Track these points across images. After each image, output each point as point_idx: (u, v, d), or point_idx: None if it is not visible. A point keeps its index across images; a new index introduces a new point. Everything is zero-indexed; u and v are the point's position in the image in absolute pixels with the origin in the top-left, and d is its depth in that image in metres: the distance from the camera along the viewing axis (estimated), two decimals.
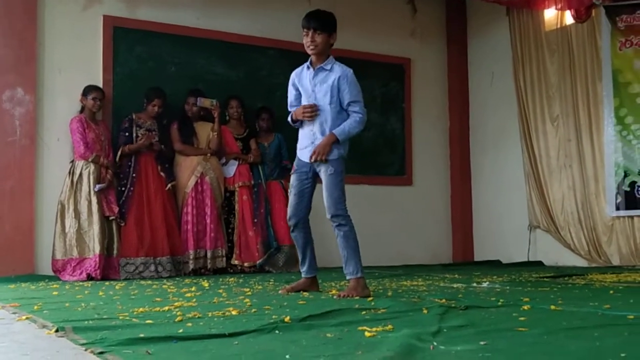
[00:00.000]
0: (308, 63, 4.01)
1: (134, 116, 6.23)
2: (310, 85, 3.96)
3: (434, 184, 8.23)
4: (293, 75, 4.12)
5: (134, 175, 6.10)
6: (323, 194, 3.85)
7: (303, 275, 4.13)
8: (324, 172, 3.87)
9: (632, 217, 6.64)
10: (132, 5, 6.60)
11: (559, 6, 7.12)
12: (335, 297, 3.69)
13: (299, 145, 4.05)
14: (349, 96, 3.87)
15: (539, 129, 7.46)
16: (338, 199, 3.80)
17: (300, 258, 4.17)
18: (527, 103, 7.58)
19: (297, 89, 4.08)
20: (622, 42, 6.71)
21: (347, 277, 3.83)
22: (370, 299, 3.52)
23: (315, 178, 3.98)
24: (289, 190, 4.19)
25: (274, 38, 7.25)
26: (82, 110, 6.06)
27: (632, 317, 2.60)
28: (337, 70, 3.91)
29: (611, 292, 3.79)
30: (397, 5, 8.12)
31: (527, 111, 7.58)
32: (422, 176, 8.12)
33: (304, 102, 3.98)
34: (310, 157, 3.86)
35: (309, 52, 3.94)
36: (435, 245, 8.13)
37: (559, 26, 7.32)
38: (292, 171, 4.07)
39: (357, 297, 3.61)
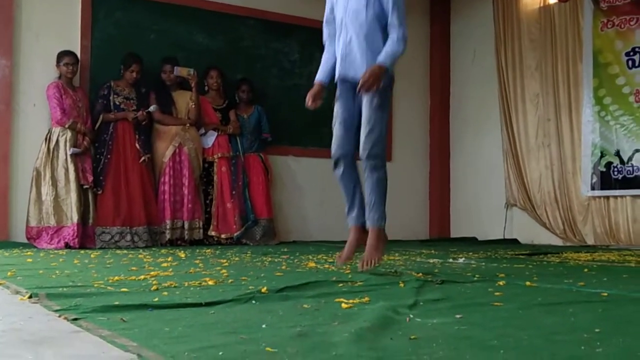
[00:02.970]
0: None
1: (112, 83, 6.14)
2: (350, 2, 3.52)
3: (412, 160, 8.24)
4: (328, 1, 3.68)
5: (110, 143, 6.03)
6: (361, 128, 3.42)
7: (353, 223, 3.57)
8: (366, 103, 3.41)
9: (607, 197, 6.70)
10: None
11: None
12: (358, 269, 3.39)
13: (327, 66, 3.64)
14: (391, 8, 3.43)
15: (519, 107, 7.48)
16: (379, 138, 3.38)
17: (347, 203, 3.60)
18: (507, 82, 7.58)
19: (333, 19, 3.66)
20: (603, 22, 6.72)
21: (368, 224, 3.48)
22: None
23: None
24: (332, 122, 3.60)
25: (256, 8, 7.16)
26: (59, 77, 5.96)
27: (605, 294, 2.63)
28: None
29: (585, 270, 3.83)
30: None
31: (507, 90, 7.59)
32: (401, 153, 8.12)
33: (337, 8, 3.58)
34: (358, 89, 3.37)
35: None
36: (413, 221, 8.16)
37: (541, 5, 7.31)
38: (313, 93, 3.60)
39: (378, 263, 3.39)
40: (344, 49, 3.54)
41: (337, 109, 3.56)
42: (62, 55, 5.96)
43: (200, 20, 6.88)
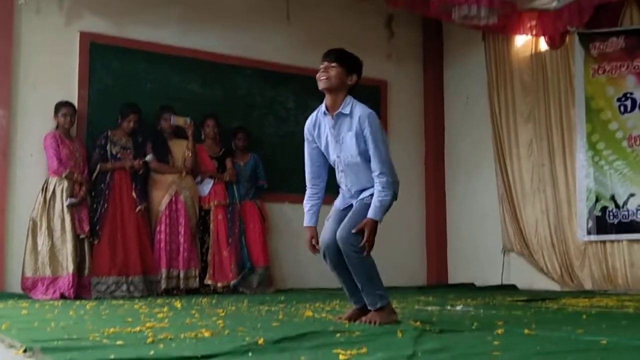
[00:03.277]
0: (323, 108, 3.52)
1: (109, 133, 6.18)
2: (333, 136, 3.49)
3: (409, 205, 8.24)
4: (307, 127, 3.59)
5: (107, 192, 6.04)
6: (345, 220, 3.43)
7: (355, 306, 3.57)
8: (359, 199, 3.49)
9: (603, 241, 6.70)
10: (110, 22, 6.58)
11: (534, 32, 7.22)
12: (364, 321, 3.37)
13: (312, 209, 3.61)
14: (371, 151, 3.41)
15: (513, 152, 7.53)
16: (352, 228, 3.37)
17: (345, 289, 3.60)
18: (501, 127, 7.65)
19: (315, 143, 3.59)
20: (594, 69, 6.82)
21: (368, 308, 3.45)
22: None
23: None
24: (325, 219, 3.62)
25: (251, 58, 7.26)
26: (57, 127, 6.00)
27: (604, 342, 2.61)
28: (357, 112, 3.42)
29: (584, 316, 3.81)
30: (375, 27, 8.18)
31: (501, 135, 7.65)
32: (398, 197, 8.11)
33: (332, 156, 3.54)
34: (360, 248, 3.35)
35: (320, 86, 3.45)
36: (410, 266, 8.13)
37: (533, 52, 7.42)
38: (310, 240, 3.58)
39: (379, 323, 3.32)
40: (343, 200, 3.61)
41: (331, 216, 3.61)
42: (59, 105, 6.00)
43: (196, 70, 6.96)
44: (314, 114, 3.60)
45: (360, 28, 8.03)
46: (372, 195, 3.46)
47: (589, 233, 6.78)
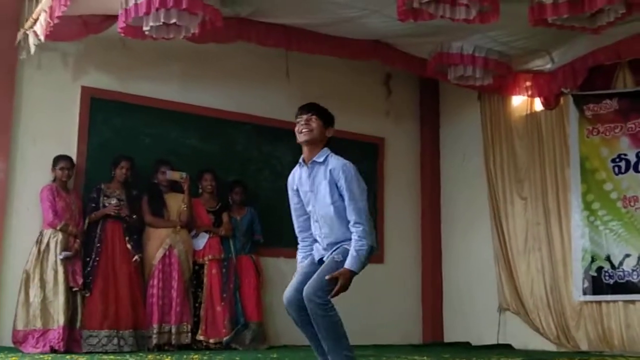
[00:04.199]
0: (300, 160, 3.61)
1: (102, 186, 6.20)
2: (307, 185, 3.55)
3: (405, 262, 8.23)
4: (289, 181, 3.70)
5: (98, 245, 6.03)
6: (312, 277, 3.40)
7: None
8: (329, 258, 3.47)
9: (599, 302, 6.67)
10: (112, 77, 6.67)
11: (529, 93, 7.32)
12: None
13: (303, 256, 3.69)
14: (346, 201, 3.43)
15: (509, 211, 7.56)
16: (321, 285, 3.33)
17: (312, 346, 3.56)
18: (496, 185, 7.70)
19: (297, 197, 3.66)
20: (589, 130, 6.89)
21: None
22: None
23: None
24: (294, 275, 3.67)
25: (250, 113, 7.34)
26: (54, 180, 6.04)
27: None
28: (332, 162, 3.49)
29: None
30: (372, 86, 8.30)
31: (496, 193, 7.69)
32: (394, 254, 8.13)
33: (306, 205, 3.59)
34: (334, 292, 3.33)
35: (302, 138, 3.52)
36: (406, 324, 8.07)
37: (528, 112, 7.51)
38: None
39: None
40: (318, 253, 3.60)
41: (301, 268, 3.63)
42: (58, 159, 6.06)
43: (195, 125, 7.04)
44: (295, 168, 3.67)
45: (359, 86, 8.15)
46: (341, 252, 3.43)
47: (584, 293, 6.76)
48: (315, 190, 3.52)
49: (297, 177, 3.63)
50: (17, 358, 4.78)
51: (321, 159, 3.50)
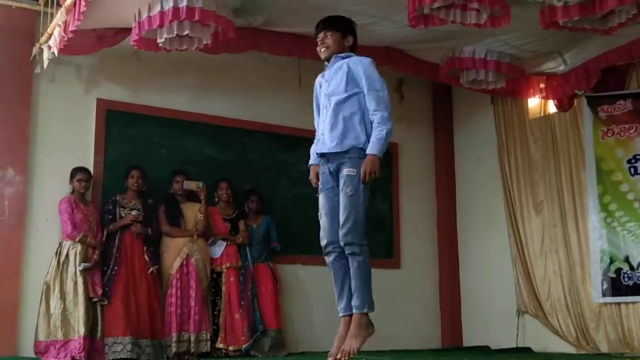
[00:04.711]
0: (326, 63, 3.79)
1: (117, 197, 6.27)
2: (328, 76, 3.71)
3: (421, 267, 8.23)
4: (315, 83, 3.88)
5: (117, 255, 6.09)
6: (340, 216, 3.52)
7: (342, 314, 3.62)
8: (342, 191, 3.55)
9: (618, 303, 6.63)
10: (126, 89, 6.74)
11: (543, 95, 7.31)
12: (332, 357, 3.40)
13: (315, 149, 3.76)
14: (365, 90, 3.59)
15: (524, 213, 7.53)
16: (354, 225, 3.48)
17: (336, 292, 3.67)
18: (512, 188, 7.68)
19: (318, 98, 3.84)
20: (604, 131, 6.87)
21: (353, 311, 3.50)
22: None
23: None
24: (318, 213, 3.74)
25: (264, 122, 7.39)
26: (72, 192, 6.11)
27: None
28: (353, 58, 3.66)
29: None
30: None
31: (512, 196, 7.67)
32: (410, 259, 8.13)
33: (321, 98, 3.72)
34: (363, 179, 3.50)
35: (322, 57, 3.70)
36: (424, 329, 8.06)
37: (542, 114, 7.50)
38: (317, 191, 3.74)
39: (353, 353, 3.37)
40: (324, 127, 3.70)
41: (321, 200, 3.71)
42: (75, 171, 6.13)
43: (209, 135, 7.09)
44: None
45: None
46: (352, 164, 3.55)
47: (604, 295, 6.71)
48: (331, 79, 3.66)
49: (320, 77, 3.83)
50: None
51: (343, 54, 3.68)
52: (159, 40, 5.27)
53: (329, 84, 3.67)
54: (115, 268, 6.04)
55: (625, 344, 6.50)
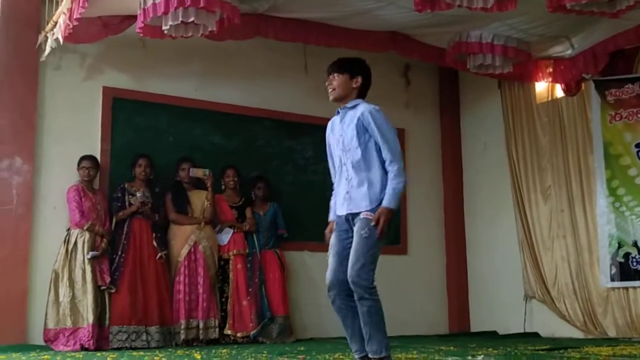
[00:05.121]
0: (337, 110, 3.76)
1: (126, 185, 6.28)
2: (338, 129, 3.69)
3: (429, 252, 8.22)
4: (327, 130, 3.82)
5: (125, 242, 6.10)
6: (351, 256, 3.46)
7: (358, 356, 3.54)
8: (357, 232, 3.50)
9: (627, 288, 6.62)
10: (131, 77, 6.74)
11: (550, 80, 7.27)
12: None
13: (336, 202, 3.72)
14: (379, 142, 3.55)
15: (532, 198, 7.52)
16: (362, 268, 3.40)
17: (348, 335, 3.58)
18: (519, 173, 7.66)
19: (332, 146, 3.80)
20: (611, 115, 6.83)
21: (370, 356, 3.45)
22: None
23: None
24: (328, 253, 3.70)
25: (270, 109, 7.37)
26: (80, 180, 6.12)
27: None
28: (361, 108, 3.61)
29: None
30: (391, 77, 8.27)
31: (519, 181, 7.65)
32: (417, 245, 8.13)
33: (334, 149, 3.72)
34: (375, 228, 3.47)
35: (330, 98, 3.70)
36: (431, 315, 8.07)
37: (549, 99, 7.46)
38: (330, 230, 3.70)
39: None
40: (344, 188, 3.65)
41: (332, 240, 3.68)
42: (82, 159, 6.14)
43: (216, 122, 7.08)
44: (332, 118, 3.81)
45: (377, 78, 7.90)
46: (364, 224, 3.50)
47: (612, 279, 6.71)
48: (344, 134, 3.63)
49: (331, 125, 3.79)
50: (49, 357, 4.86)
51: (352, 105, 3.65)
52: (164, 28, 5.25)
53: (343, 139, 3.65)
54: (123, 255, 6.06)
55: (633, 329, 6.50)
